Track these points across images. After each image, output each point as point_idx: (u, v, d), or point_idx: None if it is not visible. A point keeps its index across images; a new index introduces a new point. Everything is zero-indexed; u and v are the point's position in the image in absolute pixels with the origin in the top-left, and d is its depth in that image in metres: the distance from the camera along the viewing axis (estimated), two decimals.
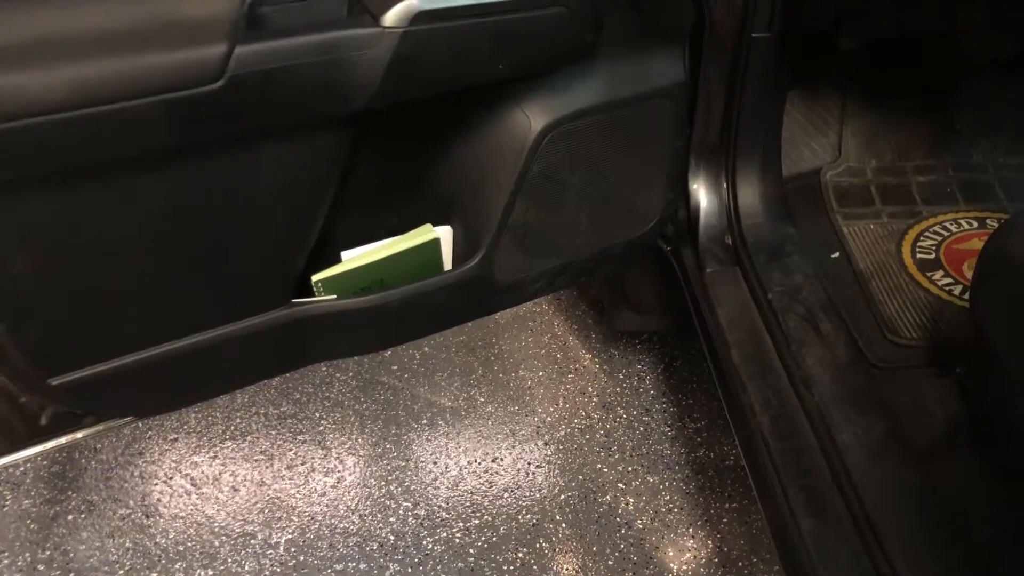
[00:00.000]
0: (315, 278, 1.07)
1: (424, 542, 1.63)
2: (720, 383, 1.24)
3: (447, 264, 1.17)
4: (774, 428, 1.09)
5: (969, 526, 0.96)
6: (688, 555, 1.60)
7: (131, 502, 1.70)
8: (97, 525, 1.66)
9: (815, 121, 1.60)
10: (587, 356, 2.01)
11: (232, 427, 1.85)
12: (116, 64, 0.80)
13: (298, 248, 1.03)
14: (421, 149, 1.11)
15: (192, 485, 1.73)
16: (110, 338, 0.97)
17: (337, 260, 1.10)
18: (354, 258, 1.08)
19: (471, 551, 1.61)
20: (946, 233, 1.43)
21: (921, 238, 1.41)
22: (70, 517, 1.67)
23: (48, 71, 0.77)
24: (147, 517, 1.67)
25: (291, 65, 0.87)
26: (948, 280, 1.34)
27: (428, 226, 1.12)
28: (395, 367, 1.98)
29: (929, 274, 1.35)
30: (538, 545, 1.62)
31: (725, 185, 1.36)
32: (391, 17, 0.90)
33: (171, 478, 1.74)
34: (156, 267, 0.95)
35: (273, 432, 1.84)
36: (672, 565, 1.59)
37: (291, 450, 1.80)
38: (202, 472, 1.76)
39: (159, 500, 1.70)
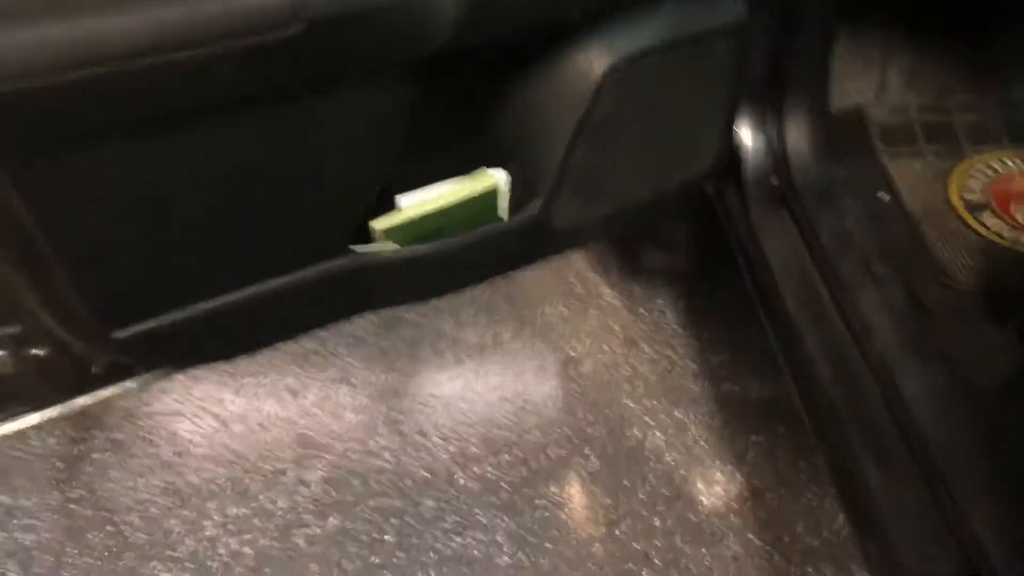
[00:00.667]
0: (376, 226, 1.04)
1: (456, 477, 1.64)
2: (773, 329, 1.24)
3: (503, 209, 1.15)
4: (836, 378, 1.10)
5: None
6: (717, 488, 1.63)
7: (158, 440, 1.69)
8: (125, 464, 1.65)
9: (857, 56, 1.57)
10: (609, 292, 2.00)
11: (255, 363, 1.83)
12: (191, 7, 0.76)
13: (364, 196, 1.01)
14: (482, 93, 1.07)
15: (220, 423, 1.73)
16: (174, 289, 0.95)
17: (391, 203, 1.07)
18: (414, 206, 1.06)
19: (503, 485, 1.63)
20: (991, 173, 1.42)
21: (968, 178, 1.41)
22: (96, 455, 1.66)
23: (131, 16, 0.73)
24: (177, 456, 1.67)
25: (368, 8, 0.83)
26: (997, 222, 1.34)
27: (486, 171, 1.09)
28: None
29: (978, 216, 1.35)
30: (569, 479, 1.64)
31: (771, 124, 1.34)
32: None
33: (197, 416, 1.74)
34: (220, 217, 0.93)
35: (298, 368, 1.83)
36: (702, 498, 1.62)
37: (317, 386, 1.79)
38: (228, 410, 1.75)
39: (188, 439, 1.70)
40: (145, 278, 0.93)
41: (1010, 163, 1.45)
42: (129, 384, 1.10)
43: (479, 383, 1.81)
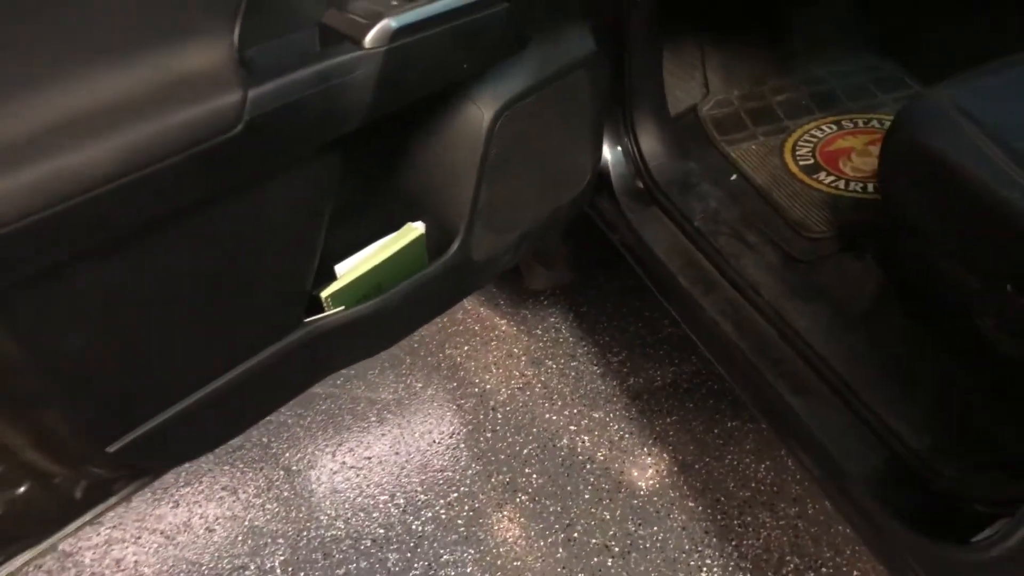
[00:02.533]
0: (323, 294, 1.13)
1: (413, 526, 1.71)
2: (674, 308, 1.41)
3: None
4: (739, 332, 1.27)
5: (920, 370, 1.18)
6: (650, 471, 1.78)
7: (107, 571, 1.67)
8: None
9: (681, 65, 1.80)
10: (503, 322, 2.13)
11: (184, 473, 1.84)
12: (149, 127, 0.83)
13: (307, 270, 1.09)
14: (391, 156, 1.18)
15: (164, 537, 1.72)
16: (156, 393, 1.00)
17: (331, 273, 1.16)
18: (351, 269, 1.15)
19: (459, 522, 1.71)
20: (814, 139, 1.66)
21: (797, 147, 1.64)
22: None
23: (91, 146, 0.80)
24: None
25: (297, 99, 0.93)
26: (831, 178, 1.57)
27: (410, 225, 1.20)
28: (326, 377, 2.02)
29: (814, 176, 1.57)
30: (518, 499, 1.74)
31: (626, 136, 1.51)
32: (372, 38, 0.97)
33: (139, 537, 1.72)
34: (190, 316, 0.99)
35: (227, 467, 1.85)
36: (639, 483, 1.76)
37: (252, 478, 1.82)
38: (169, 523, 1.75)
39: (135, 559, 1.68)
40: (128, 389, 0.97)
41: (826, 128, 1.70)
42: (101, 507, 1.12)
43: (407, 435, 1.88)
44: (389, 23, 0.98)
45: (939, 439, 1.07)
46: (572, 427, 1.88)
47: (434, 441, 1.87)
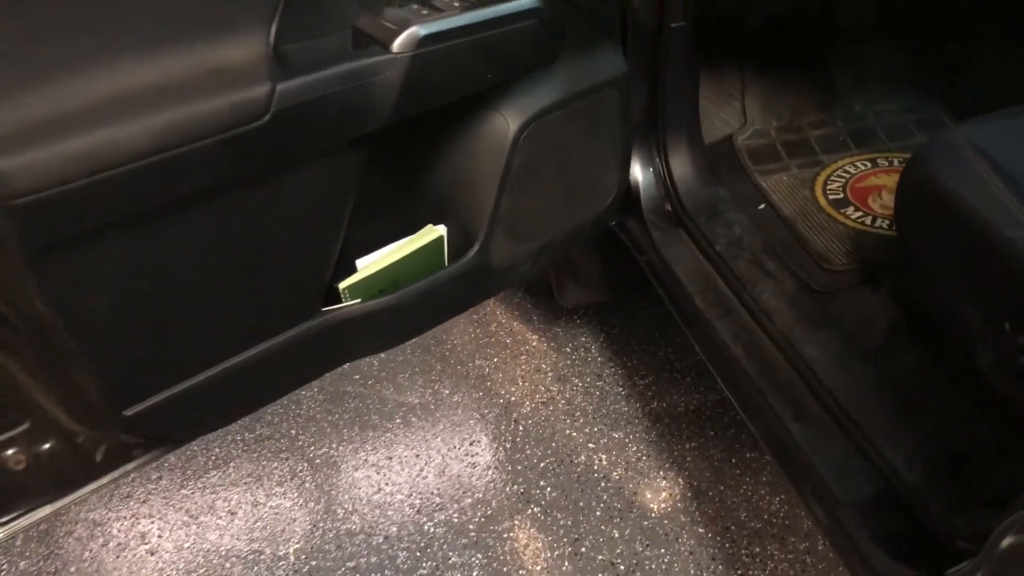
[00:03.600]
0: (342, 286, 1.18)
1: (425, 527, 1.75)
2: (690, 330, 1.43)
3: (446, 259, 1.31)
4: (748, 355, 1.28)
5: (922, 403, 1.18)
6: (663, 494, 1.79)
7: (132, 542, 1.74)
8: (101, 570, 1.69)
9: (721, 94, 1.83)
10: (534, 337, 2.17)
11: (212, 457, 1.91)
12: (182, 111, 0.90)
13: (326, 261, 1.14)
14: (417, 159, 1.24)
15: (188, 517, 1.78)
16: (175, 363, 1.06)
17: (351, 267, 1.21)
18: (370, 264, 1.20)
19: (471, 527, 1.74)
20: (847, 175, 1.67)
21: (829, 182, 1.65)
22: (73, 568, 1.70)
23: (130, 124, 0.87)
24: (150, 554, 1.72)
25: (323, 96, 0.98)
26: (859, 213, 1.58)
27: (431, 226, 1.25)
28: (357, 376, 2.08)
29: (842, 211, 1.58)
30: (531, 510, 1.77)
31: (658, 159, 1.55)
32: (400, 44, 1.03)
33: (165, 514, 1.79)
34: (212, 292, 1.05)
35: (254, 455, 1.91)
36: (652, 506, 1.77)
37: (276, 468, 1.88)
38: (194, 504, 1.81)
39: (159, 535, 1.75)
40: (149, 356, 1.04)
41: (861, 165, 1.71)
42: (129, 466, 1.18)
43: (429, 438, 1.92)
44: (417, 30, 1.04)
45: (932, 473, 1.07)
46: (591, 444, 1.90)
47: (455, 447, 1.91)
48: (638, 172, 1.56)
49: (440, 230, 1.25)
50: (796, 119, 1.82)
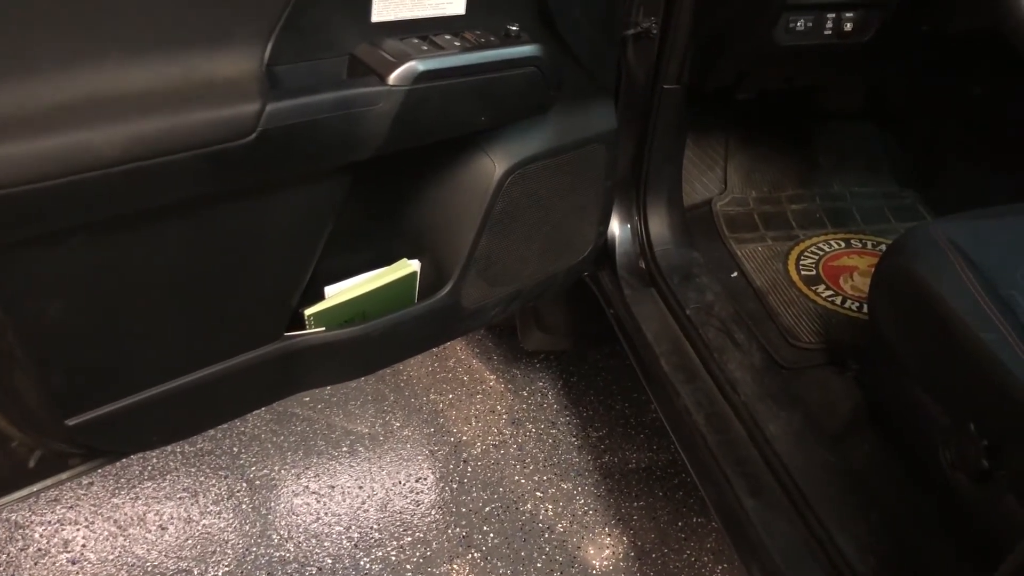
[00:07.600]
0: (307, 312, 1.15)
1: (361, 562, 1.70)
2: (652, 390, 1.42)
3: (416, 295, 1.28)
4: (709, 425, 1.27)
5: (878, 493, 1.18)
6: (607, 551, 1.77)
7: (53, 549, 1.67)
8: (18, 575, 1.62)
9: (704, 158, 1.84)
10: (492, 377, 2.14)
11: (149, 467, 1.85)
12: (165, 121, 0.87)
13: (296, 286, 1.11)
14: (398, 191, 1.22)
15: (117, 527, 1.72)
16: (126, 376, 1.02)
17: (320, 293, 1.19)
18: (339, 293, 1.18)
19: (408, 566, 1.70)
20: (821, 253, 1.69)
21: (802, 257, 1.66)
22: None
23: (107, 128, 0.83)
24: (71, 563, 1.65)
25: (313, 120, 0.96)
26: (830, 292, 1.59)
27: (405, 261, 1.23)
28: (307, 399, 2.04)
29: (813, 288, 1.59)
30: (471, 555, 1.73)
31: (637, 217, 1.55)
32: (396, 77, 1.01)
33: (92, 522, 1.73)
34: (173, 307, 1.01)
35: (193, 469, 1.85)
36: (594, 562, 1.74)
37: (214, 485, 1.82)
38: (125, 514, 1.75)
39: (83, 544, 1.68)
40: (99, 367, 0.99)
41: (835, 244, 1.72)
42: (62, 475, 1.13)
43: (375, 471, 1.88)
44: (416, 65, 1.02)
45: (883, 566, 1.06)
46: (539, 493, 1.87)
47: (400, 482, 1.87)
48: (616, 227, 1.56)
49: (414, 265, 1.23)
50: (775, 191, 1.84)
